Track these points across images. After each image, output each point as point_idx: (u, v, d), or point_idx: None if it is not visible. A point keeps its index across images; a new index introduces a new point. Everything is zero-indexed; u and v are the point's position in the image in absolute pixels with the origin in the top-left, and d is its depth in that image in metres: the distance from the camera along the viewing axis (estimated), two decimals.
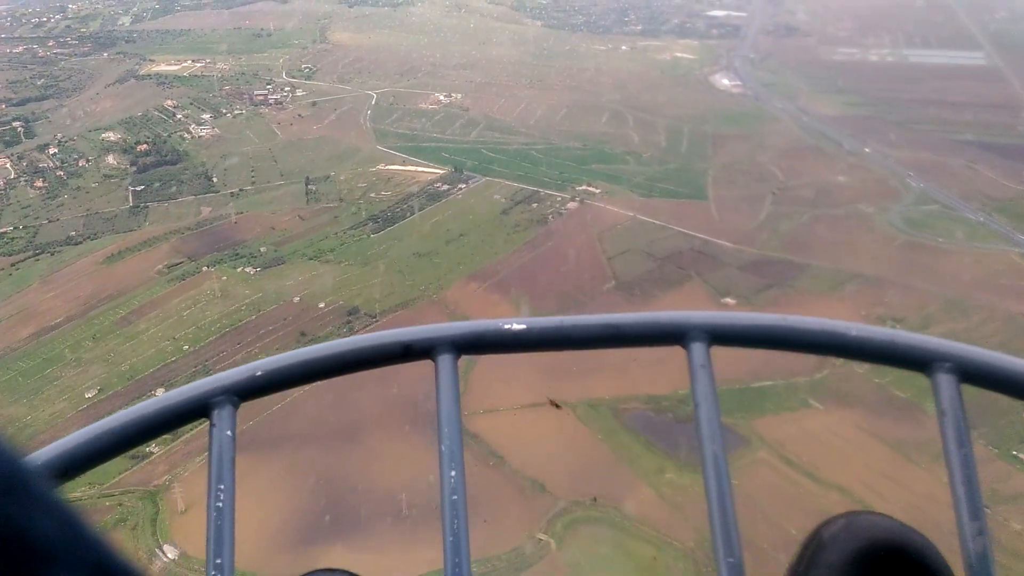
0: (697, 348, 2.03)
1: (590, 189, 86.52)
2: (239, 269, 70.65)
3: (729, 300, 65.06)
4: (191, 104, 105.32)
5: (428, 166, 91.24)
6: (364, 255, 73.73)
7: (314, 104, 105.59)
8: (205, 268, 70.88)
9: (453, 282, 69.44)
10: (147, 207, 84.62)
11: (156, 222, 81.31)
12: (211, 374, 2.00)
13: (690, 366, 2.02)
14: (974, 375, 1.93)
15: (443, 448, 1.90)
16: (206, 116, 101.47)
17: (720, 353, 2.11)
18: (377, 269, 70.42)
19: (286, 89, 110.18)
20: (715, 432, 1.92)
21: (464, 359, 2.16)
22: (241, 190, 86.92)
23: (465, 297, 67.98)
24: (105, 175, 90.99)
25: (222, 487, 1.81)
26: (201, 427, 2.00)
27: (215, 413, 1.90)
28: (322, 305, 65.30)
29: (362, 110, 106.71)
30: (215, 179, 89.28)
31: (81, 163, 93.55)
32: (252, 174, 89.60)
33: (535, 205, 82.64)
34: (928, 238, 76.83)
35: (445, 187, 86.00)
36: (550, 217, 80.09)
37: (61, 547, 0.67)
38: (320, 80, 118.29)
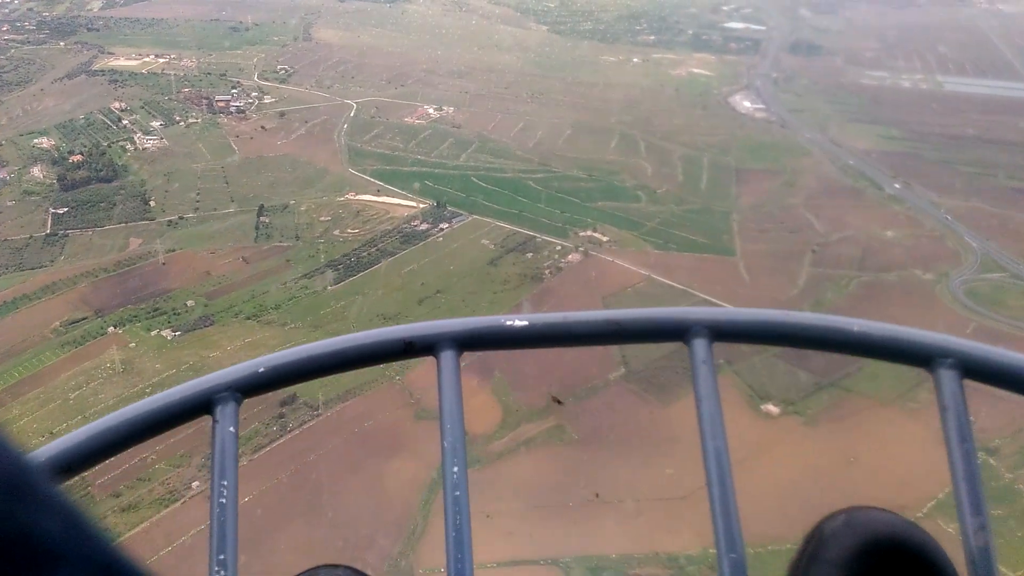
0: (699, 344, 1.99)
1: (596, 236, 70.74)
2: (154, 332, 54.81)
3: (771, 408, 49.46)
4: (142, 107, 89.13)
5: (406, 198, 75.31)
6: (316, 315, 58.01)
7: (282, 114, 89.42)
8: (112, 328, 55.02)
9: (415, 364, 53.56)
10: (67, 236, 68.62)
11: (72, 257, 65.34)
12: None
13: (692, 362, 1.98)
14: (976, 370, 1.91)
15: (445, 444, 1.86)
16: (156, 124, 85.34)
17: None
18: (323, 335, 54.39)
19: (253, 94, 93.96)
20: (717, 428, 1.90)
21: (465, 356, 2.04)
22: (181, 218, 70.97)
23: (433, 379, 52.16)
24: (26, 191, 74.92)
25: (225, 483, 1.77)
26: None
27: (218, 410, 1.86)
28: None
29: (338, 123, 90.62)
30: (153, 202, 73.26)
31: (2, 174, 77.40)
32: (197, 198, 73.62)
33: (530, 255, 66.83)
34: (1005, 321, 61.35)
35: (424, 226, 70.16)
36: (547, 272, 64.34)
37: (65, 546, 0.65)
38: (296, 84, 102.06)
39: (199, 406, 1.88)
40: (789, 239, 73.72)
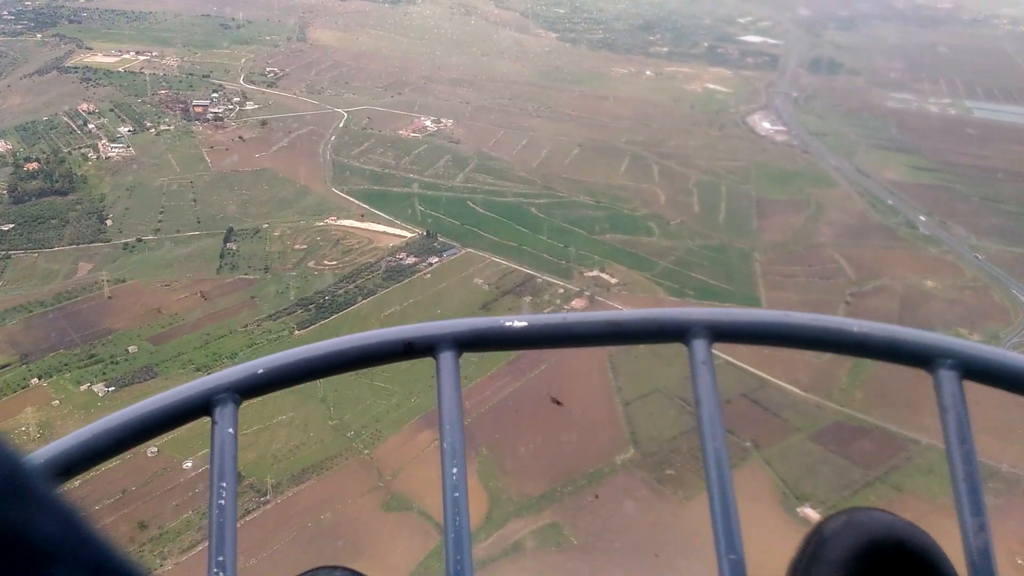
0: (699, 345, 1.97)
1: (603, 277, 61.95)
2: (84, 386, 45.95)
3: (809, 511, 40.56)
4: (112, 110, 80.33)
5: (393, 224, 66.52)
6: None
7: (264, 123, 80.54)
8: (35, 380, 46.18)
9: (391, 432, 45.08)
10: (9, 257, 59.96)
11: (10, 284, 56.63)
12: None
13: (691, 363, 1.96)
14: (976, 371, 1.89)
15: (445, 445, 1.85)
16: (124, 130, 76.52)
17: None
18: (287, 398, 45.76)
19: (235, 100, 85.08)
20: (716, 429, 1.88)
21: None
22: (139, 240, 62.22)
23: (407, 458, 43.61)
24: None
25: (224, 484, 1.75)
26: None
27: (217, 411, 1.83)
28: (186, 471, 40.70)
29: (325, 134, 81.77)
30: (110, 221, 64.52)
31: None
32: (160, 217, 64.90)
33: (528, 299, 58.01)
34: None
35: (411, 260, 61.39)
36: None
37: (62, 547, 0.64)
38: (284, 89, 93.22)
39: (198, 407, 1.84)
40: (819, 286, 64.95)
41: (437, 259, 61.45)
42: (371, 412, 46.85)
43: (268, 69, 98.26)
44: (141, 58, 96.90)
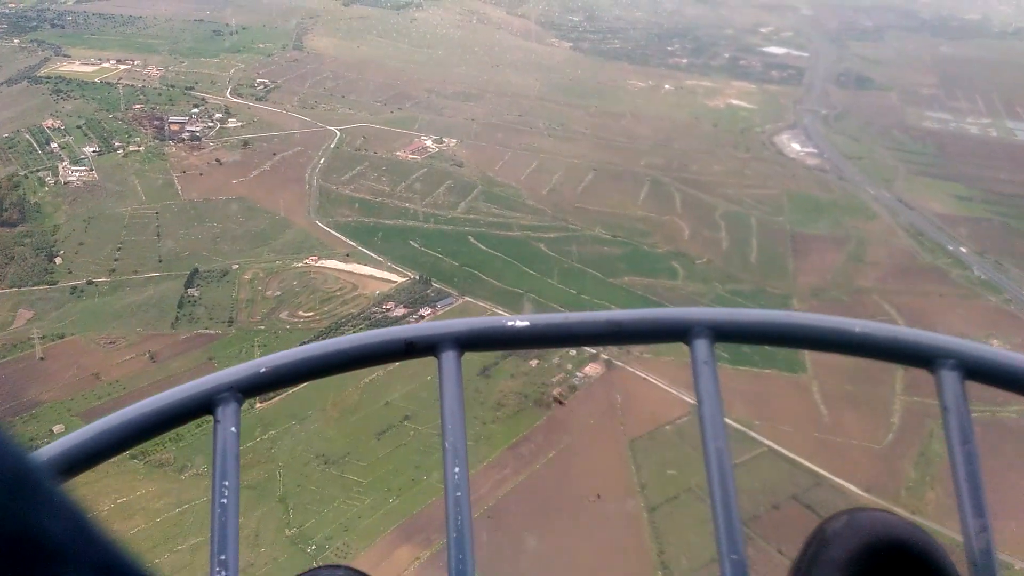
0: (700, 344, 1.95)
1: None
2: None
3: None
4: (79, 127, 71.48)
5: (382, 266, 57.30)
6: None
7: (246, 144, 71.47)
8: None
9: (362, 547, 35.86)
10: None
11: None
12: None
13: (693, 362, 1.94)
14: (978, 371, 1.87)
15: (447, 445, 1.83)
16: (89, 150, 67.61)
17: None
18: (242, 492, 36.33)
19: (216, 116, 76.06)
20: (718, 428, 1.86)
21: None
22: (90, 283, 53.34)
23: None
24: None
25: (226, 483, 1.74)
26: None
27: (219, 410, 1.82)
28: None
29: (314, 156, 72.67)
30: (59, 259, 55.62)
31: None
32: (117, 255, 56.03)
33: (535, 361, 48.69)
34: None
35: (399, 311, 52.30)
36: (556, 395, 46.14)
37: (68, 545, 0.63)
38: (274, 103, 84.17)
39: (200, 406, 1.83)
40: None
41: (430, 311, 52.22)
42: (340, 517, 37.68)
43: (258, 80, 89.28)
44: (122, 67, 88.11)
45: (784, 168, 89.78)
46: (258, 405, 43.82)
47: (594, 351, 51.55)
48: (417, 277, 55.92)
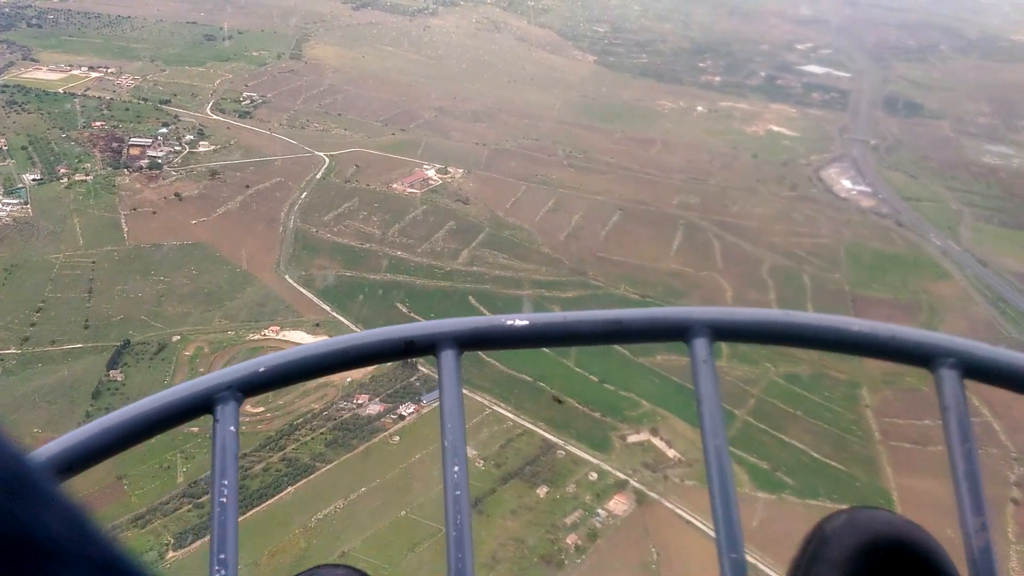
0: (700, 344, 1.92)
1: (654, 443, 40.46)
2: None
3: None
4: (24, 148, 60.32)
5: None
6: None
7: (214, 174, 59.85)
8: None
9: None
10: None
11: None
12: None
13: (692, 361, 1.91)
14: (977, 370, 1.84)
15: (446, 443, 1.80)
16: (29, 178, 56.24)
17: None
18: None
19: (187, 138, 64.48)
20: (717, 427, 1.84)
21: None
22: None
23: None
24: None
25: (226, 482, 1.70)
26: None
27: (218, 409, 1.80)
28: None
29: (295, 189, 61.02)
30: None
31: None
32: (35, 318, 44.69)
33: (543, 490, 36.63)
34: None
35: (376, 408, 40.40)
36: (570, 543, 34.08)
37: (67, 545, 0.62)
38: (259, 122, 72.66)
39: (200, 405, 1.80)
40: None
41: (412, 409, 40.32)
42: None
43: (245, 94, 77.92)
44: (93, 75, 77.02)
45: (836, 211, 77.28)
46: (171, 555, 32.14)
47: (619, 468, 39.67)
48: (402, 362, 44.05)
